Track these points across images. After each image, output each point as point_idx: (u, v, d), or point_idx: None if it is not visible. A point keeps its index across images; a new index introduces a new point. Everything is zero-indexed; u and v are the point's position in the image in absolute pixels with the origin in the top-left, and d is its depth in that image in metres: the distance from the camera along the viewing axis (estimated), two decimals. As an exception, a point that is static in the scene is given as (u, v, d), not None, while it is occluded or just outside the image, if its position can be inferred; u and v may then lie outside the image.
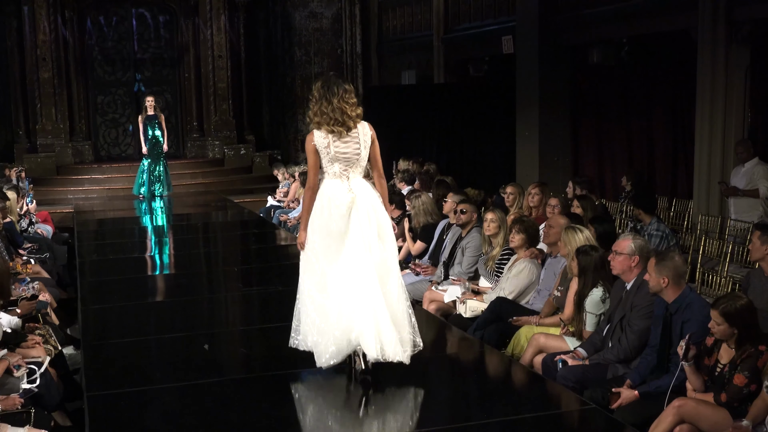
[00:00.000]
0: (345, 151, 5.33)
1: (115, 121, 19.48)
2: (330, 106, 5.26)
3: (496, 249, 7.63)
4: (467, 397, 5.49)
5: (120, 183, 17.13)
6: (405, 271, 8.70)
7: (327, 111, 5.27)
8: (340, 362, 5.32)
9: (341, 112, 5.26)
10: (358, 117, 5.35)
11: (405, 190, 10.88)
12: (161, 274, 9.52)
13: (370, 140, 5.42)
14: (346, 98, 5.29)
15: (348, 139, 5.33)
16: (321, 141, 5.31)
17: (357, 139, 5.36)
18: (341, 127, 5.28)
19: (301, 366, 5.57)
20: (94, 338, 6.59)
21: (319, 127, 5.31)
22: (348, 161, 5.34)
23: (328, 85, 5.32)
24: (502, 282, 7.22)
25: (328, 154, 5.31)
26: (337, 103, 5.26)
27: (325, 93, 5.30)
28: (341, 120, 5.27)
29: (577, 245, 6.27)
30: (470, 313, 7.19)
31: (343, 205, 5.28)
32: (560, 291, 6.51)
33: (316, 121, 5.31)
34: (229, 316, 7.63)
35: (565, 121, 14.08)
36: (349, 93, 5.32)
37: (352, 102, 5.30)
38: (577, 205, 8.39)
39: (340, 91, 5.29)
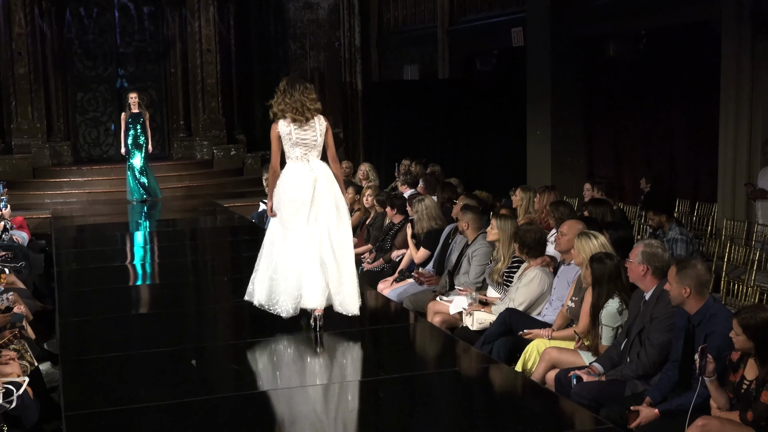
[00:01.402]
0: (305, 137, 6.80)
1: (96, 120, 19.49)
2: (292, 98, 6.75)
3: (501, 261, 7.63)
4: (474, 416, 5.49)
5: (101, 186, 17.14)
6: (407, 280, 8.71)
7: (290, 102, 6.75)
8: (297, 315, 6.82)
9: (302, 104, 6.74)
10: (316, 110, 6.83)
11: (407, 193, 10.88)
12: (145, 284, 9.52)
13: (325, 129, 6.89)
14: (306, 93, 6.78)
15: (307, 128, 6.80)
16: (284, 129, 6.79)
17: (315, 127, 6.83)
18: (301, 117, 6.74)
19: (297, 383, 5.56)
20: (73, 353, 6.58)
21: (283, 116, 6.76)
22: (307, 146, 6.82)
23: (292, 82, 6.85)
24: (512, 292, 7.22)
25: (290, 140, 6.78)
26: (299, 96, 6.75)
27: (289, 88, 6.79)
28: (301, 110, 6.74)
29: (592, 252, 6.27)
30: (478, 326, 7.19)
31: (307, 181, 6.78)
32: (574, 302, 6.51)
33: (280, 109, 6.77)
34: (218, 329, 7.62)
35: (579, 119, 14.09)
36: (309, 90, 6.83)
37: (311, 97, 6.80)
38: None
39: (301, 87, 6.80)
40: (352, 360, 6.55)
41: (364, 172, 12.99)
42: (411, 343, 7.22)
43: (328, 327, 7.13)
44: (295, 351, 6.69)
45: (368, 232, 10.34)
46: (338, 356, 6.55)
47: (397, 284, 8.78)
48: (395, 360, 6.54)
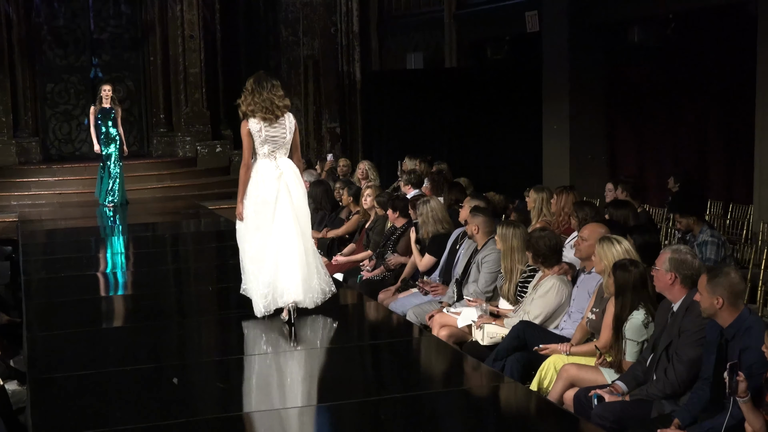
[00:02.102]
0: (274, 135, 7.48)
1: (68, 114, 19.53)
2: (261, 97, 7.40)
3: (506, 279, 7.63)
4: (485, 440, 5.49)
5: (73, 187, 17.15)
6: (411, 290, 8.71)
7: (259, 101, 7.40)
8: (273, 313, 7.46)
9: (270, 102, 7.40)
10: (285, 107, 7.49)
11: (411, 194, 10.88)
12: (122, 295, 9.52)
13: (294, 127, 7.59)
14: (274, 91, 7.44)
15: (277, 125, 7.48)
16: (255, 126, 7.45)
17: (285, 125, 7.51)
18: (271, 115, 7.41)
19: (289, 404, 5.55)
20: (43, 371, 6.58)
21: (253, 114, 7.43)
22: (276, 143, 7.51)
23: (259, 81, 7.49)
24: (527, 304, 7.22)
25: (260, 137, 7.46)
26: (267, 95, 7.40)
27: (257, 87, 7.44)
28: (271, 109, 7.40)
29: (614, 259, 6.27)
30: (488, 340, 7.18)
31: (273, 178, 7.50)
32: (595, 314, 6.51)
33: (250, 109, 7.44)
34: (202, 344, 7.62)
35: (600, 112, 14.09)
36: (276, 87, 7.48)
37: (279, 95, 7.46)
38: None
39: (269, 85, 7.45)
40: (350, 378, 6.54)
41: (363, 170, 13.01)
42: (415, 359, 7.22)
43: (324, 342, 7.13)
44: (286, 368, 6.69)
45: (368, 236, 10.34)
46: (335, 374, 6.55)
47: (400, 294, 8.79)
48: (397, 378, 6.55)
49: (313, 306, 7.56)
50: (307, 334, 7.47)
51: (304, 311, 7.51)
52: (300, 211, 7.64)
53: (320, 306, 7.59)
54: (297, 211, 7.59)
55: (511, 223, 7.88)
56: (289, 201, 7.53)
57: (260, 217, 7.52)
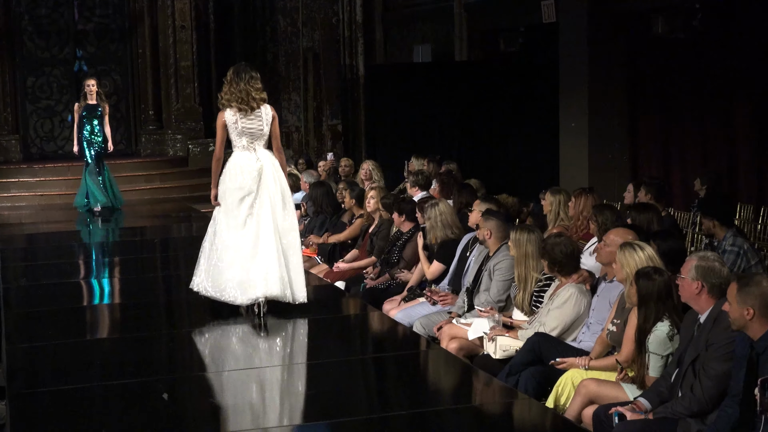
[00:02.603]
0: (251, 127, 8.01)
1: (50, 110, 19.55)
2: (237, 87, 7.96)
3: (519, 289, 7.62)
4: (497, 461, 5.49)
5: (56, 188, 17.18)
6: (418, 299, 8.71)
7: (235, 92, 7.96)
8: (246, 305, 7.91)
9: (247, 93, 7.94)
10: (262, 99, 8.04)
11: (418, 196, 10.88)
12: (108, 304, 9.53)
13: (271, 119, 8.10)
14: (252, 83, 7.98)
15: (253, 117, 8.00)
16: (230, 118, 8.01)
17: (261, 117, 8.03)
18: (246, 106, 7.94)
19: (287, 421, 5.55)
20: (23, 385, 6.59)
21: (230, 105, 7.98)
22: (253, 135, 8.04)
23: (238, 72, 8.07)
24: (542, 314, 7.21)
25: (236, 129, 8.01)
26: (244, 86, 7.95)
27: (235, 77, 8.02)
28: (246, 100, 7.93)
29: (637, 267, 6.26)
30: (501, 354, 7.18)
31: (254, 170, 7.98)
32: (616, 325, 6.50)
33: (226, 99, 8.00)
34: (193, 356, 7.62)
35: (622, 108, 14.09)
36: (255, 79, 8.02)
37: (257, 87, 8.01)
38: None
39: (247, 76, 8.00)
40: (352, 394, 6.55)
41: (366, 171, 12.99)
42: (422, 373, 7.23)
43: (324, 355, 7.13)
44: (283, 383, 6.69)
45: (371, 242, 10.34)
46: (336, 389, 6.54)
47: (406, 304, 8.78)
48: (403, 394, 6.55)
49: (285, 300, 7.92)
50: (306, 346, 7.48)
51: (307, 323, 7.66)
52: (276, 204, 8.04)
53: (321, 317, 7.60)
54: (274, 205, 8.03)
55: (525, 228, 7.85)
56: (267, 194, 8.01)
57: (238, 208, 8.00)
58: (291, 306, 7.91)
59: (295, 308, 8.06)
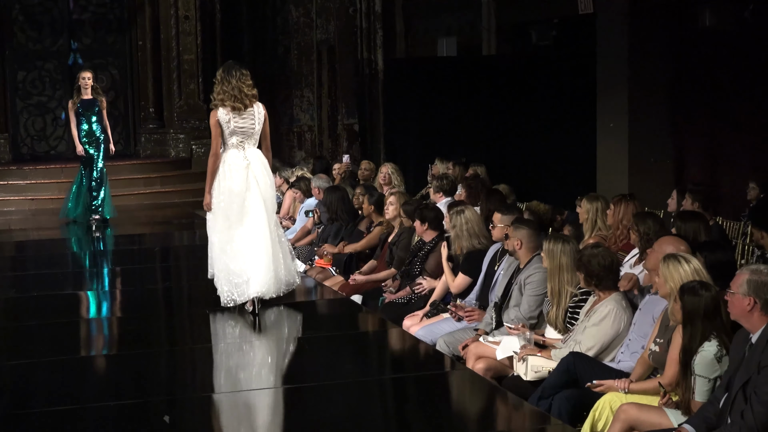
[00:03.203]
0: (243, 126, 8.82)
1: (43, 106, 19.64)
2: (230, 85, 8.68)
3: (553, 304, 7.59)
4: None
5: (48, 191, 17.23)
6: (442, 315, 8.70)
7: (227, 90, 8.68)
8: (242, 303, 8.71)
9: (239, 90, 8.68)
10: (254, 97, 8.82)
11: (442, 203, 10.87)
12: (103, 318, 9.56)
13: (263, 118, 8.97)
14: (243, 80, 8.72)
15: (245, 116, 8.81)
16: (224, 117, 8.75)
17: (253, 115, 8.86)
18: (239, 104, 8.70)
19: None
20: (11, 406, 6.60)
21: (223, 104, 8.71)
22: (244, 134, 8.87)
23: (228, 69, 8.79)
24: (578, 332, 7.20)
25: (228, 128, 8.77)
26: (236, 83, 8.68)
27: (226, 75, 8.73)
28: (239, 97, 8.69)
29: (682, 281, 6.24)
30: (533, 375, 7.16)
31: (241, 168, 8.81)
32: (659, 344, 6.48)
33: (219, 98, 8.72)
34: (196, 376, 7.64)
35: (665, 107, 14.05)
36: (245, 76, 8.76)
37: (248, 84, 8.76)
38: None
39: (238, 74, 8.72)
40: (369, 418, 6.55)
41: (385, 175, 12.97)
42: (446, 396, 7.22)
43: (338, 375, 7.13)
44: (295, 406, 6.69)
45: (391, 252, 10.33)
46: (352, 413, 6.54)
47: (429, 320, 8.77)
48: (425, 418, 6.54)
49: (276, 296, 8.83)
50: (319, 366, 7.47)
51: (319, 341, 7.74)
52: (267, 202, 8.90)
53: (335, 334, 7.60)
54: (264, 202, 8.86)
55: (559, 238, 7.82)
56: (258, 192, 8.83)
57: (229, 208, 8.82)
58: (303, 321, 7.92)
59: (308, 325, 8.05)
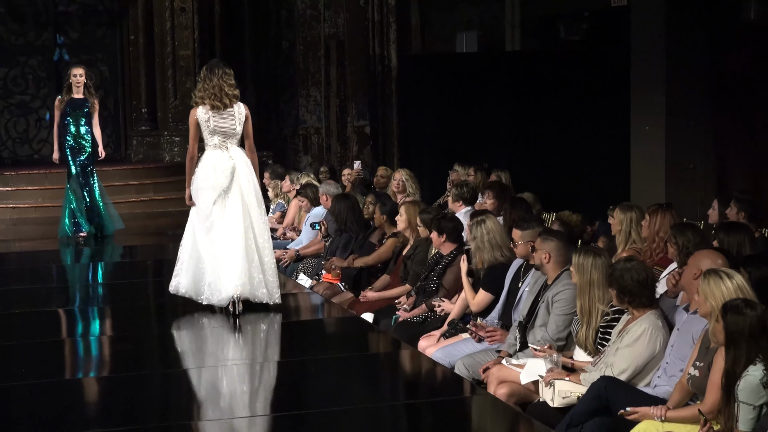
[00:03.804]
0: (223, 125, 9.42)
1: (25, 106, 19.67)
2: (211, 83, 9.31)
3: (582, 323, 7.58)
4: None
5: (31, 199, 17.23)
6: (461, 335, 8.70)
7: (208, 88, 9.31)
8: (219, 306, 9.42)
9: (220, 89, 9.31)
10: (235, 97, 9.44)
11: (462, 212, 10.86)
12: (92, 338, 9.56)
13: (245, 117, 9.54)
14: (225, 79, 9.35)
15: (226, 115, 9.41)
16: (203, 115, 9.38)
17: (234, 115, 9.44)
18: (219, 103, 9.31)
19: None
20: (-8, 433, 6.62)
21: (203, 102, 9.34)
22: (225, 134, 9.47)
23: (210, 68, 9.47)
24: (609, 354, 7.19)
25: (208, 127, 9.39)
26: (217, 81, 9.31)
27: (208, 74, 9.38)
28: (219, 96, 9.30)
29: (724, 299, 6.23)
30: (560, 401, 7.16)
31: (227, 168, 9.41)
32: (699, 368, 6.47)
33: (199, 96, 9.36)
34: (192, 401, 7.64)
35: (705, 109, 14.04)
36: (228, 75, 9.41)
37: (230, 83, 9.40)
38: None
39: (220, 72, 9.37)
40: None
41: (399, 182, 12.93)
42: (465, 423, 7.21)
43: (348, 400, 7.14)
44: None
45: (405, 266, 10.33)
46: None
47: (447, 341, 8.77)
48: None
49: (256, 301, 9.38)
50: (327, 390, 7.48)
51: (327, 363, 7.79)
52: (251, 204, 9.47)
53: (344, 355, 7.60)
54: (248, 204, 9.44)
55: (590, 251, 7.79)
56: (239, 193, 9.42)
57: (211, 208, 9.42)
58: (308, 341, 7.92)
59: (314, 345, 8.05)
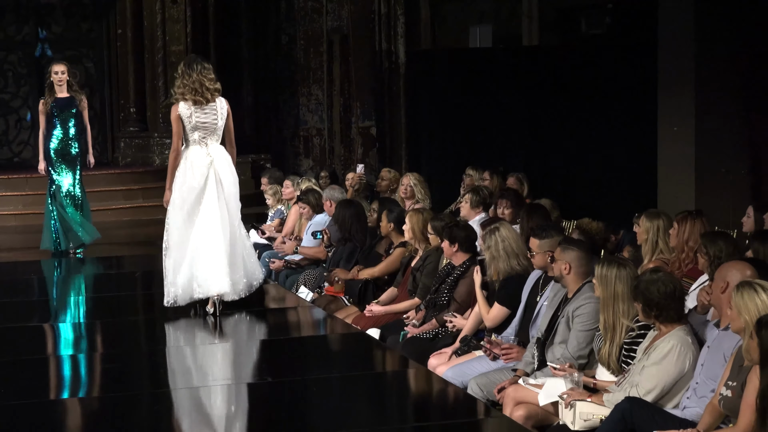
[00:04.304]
0: (204, 121, 10.03)
1: (4, 106, 19.72)
2: (190, 78, 9.88)
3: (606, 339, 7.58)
4: None
5: (11, 205, 17.26)
6: (474, 353, 8.70)
7: (188, 83, 9.88)
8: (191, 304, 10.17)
9: (200, 84, 9.88)
10: (216, 91, 10.03)
11: (475, 220, 10.86)
12: (76, 355, 9.57)
13: (226, 113, 10.18)
14: (204, 74, 9.92)
15: (207, 110, 10.02)
16: (185, 111, 9.96)
17: (215, 110, 10.07)
18: (201, 98, 9.91)
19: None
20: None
21: (184, 98, 9.92)
22: (206, 129, 10.07)
23: (189, 63, 10.07)
24: (635, 373, 7.20)
25: (190, 123, 9.98)
26: (197, 77, 9.87)
27: (187, 69, 9.95)
28: (200, 91, 9.88)
29: (759, 314, 6.24)
30: (582, 424, 7.17)
31: (203, 165, 10.05)
32: (731, 388, 6.48)
33: (180, 92, 9.92)
34: (183, 423, 7.66)
35: (738, 109, 14.05)
36: (207, 70, 9.99)
37: (210, 78, 9.98)
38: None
39: (199, 67, 9.94)
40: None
41: (407, 187, 12.89)
42: (479, 448, 7.23)
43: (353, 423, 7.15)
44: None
45: (414, 278, 10.32)
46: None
47: (459, 359, 8.78)
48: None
49: (238, 298, 10.08)
50: (330, 412, 7.49)
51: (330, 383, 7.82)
52: (230, 200, 10.18)
53: (348, 374, 7.60)
54: (227, 200, 10.14)
55: (614, 261, 7.79)
56: (217, 190, 10.08)
57: (188, 205, 10.11)
58: (310, 359, 7.93)
59: (315, 364, 8.05)
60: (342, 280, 11.14)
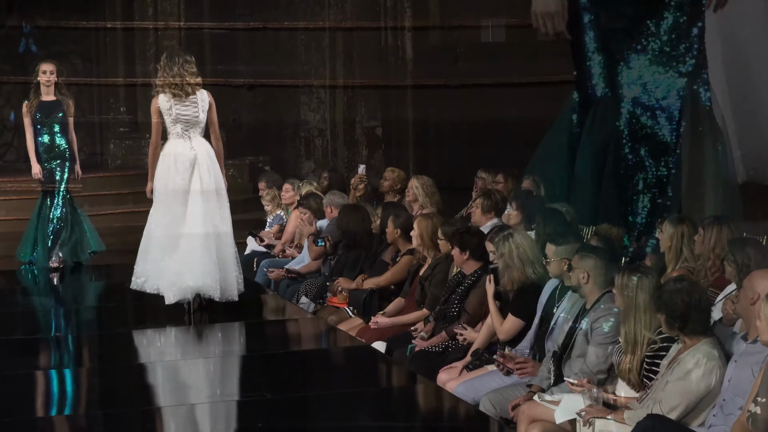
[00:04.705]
0: (185, 114, 10.55)
1: (-14, 106, 19.75)
2: (171, 72, 10.44)
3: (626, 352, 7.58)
4: None
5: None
6: (487, 367, 8.70)
7: (168, 77, 10.43)
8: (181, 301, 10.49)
9: (180, 77, 10.40)
10: (197, 84, 10.54)
11: (487, 225, 10.85)
12: (63, 370, 9.58)
13: (207, 105, 10.65)
14: (186, 67, 10.47)
15: (188, 103, 10.54)
16: (164, 104, 10.52)
17: (196, 103, 10.56)
18: (181, 91, 10.42)
19: None
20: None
21: (164, 91, 10.48)
22: (188, 122, 10.58)
23: (170, 56, 10.66)
24: (658, 389, 7.20)
25: (170, 115, 10.54)
26: (178, 70, 10.42)
27: (168, 62, 10.52)
28: (180, 85, 10.40)
29: (790, 325, 6.24)
30: (601, 443, 7.18)
31: (187, 160, 10.56)
32: (761, 405, 6.48)
33: (160, 84, 10.49)
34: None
35: None
36: (189, 63, 10.53)
37: (192, 71, 10.53)
38: None
39: (181, 60, 10.50)
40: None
41: (413, 190, 12.81)
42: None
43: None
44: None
45: (422, 288, 10.32)
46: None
47: (470, 373, 8.78)
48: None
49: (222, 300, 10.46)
50: (333, 429, 7.50)
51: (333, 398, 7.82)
52: (211, 196, 10.60)
53: (352, 390, 7.60)
54: (208, 194, 10.58)
55: (635, 270, 7.78)
56: (200, 185, 10.54)
57: (171, 200, 10.63)
58: (312, 374, 7.94)
59: (318, 379, 8.05)
60: (346, 290, 11.11)
